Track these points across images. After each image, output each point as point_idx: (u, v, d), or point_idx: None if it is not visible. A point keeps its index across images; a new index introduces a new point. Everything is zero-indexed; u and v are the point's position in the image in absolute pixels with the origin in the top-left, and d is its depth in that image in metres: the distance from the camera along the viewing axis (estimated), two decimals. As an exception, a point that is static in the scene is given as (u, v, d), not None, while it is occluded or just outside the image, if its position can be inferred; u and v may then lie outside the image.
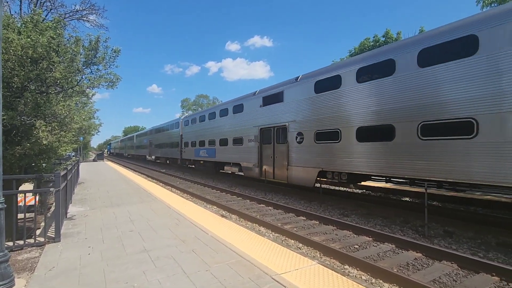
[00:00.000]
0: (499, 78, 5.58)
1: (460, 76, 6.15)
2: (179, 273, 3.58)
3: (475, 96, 5.88)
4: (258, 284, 3.26)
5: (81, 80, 7.51)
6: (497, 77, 5.61)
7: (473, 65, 5.95)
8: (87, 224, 6.03)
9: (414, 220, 7.34)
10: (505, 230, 6.22)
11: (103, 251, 4.39)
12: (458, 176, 6.14)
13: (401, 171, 7.23)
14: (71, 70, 6.64)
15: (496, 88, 5.60)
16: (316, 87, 9.83)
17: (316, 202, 10.14)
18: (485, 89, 5.76)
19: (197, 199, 10.96)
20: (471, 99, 5.94)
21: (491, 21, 5.82)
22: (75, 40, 6.79)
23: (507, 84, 5.46)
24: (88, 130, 12.88)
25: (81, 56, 7.03)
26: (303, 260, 4.01)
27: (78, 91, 7.76)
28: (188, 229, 5.53)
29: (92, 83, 7.55)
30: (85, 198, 9.19)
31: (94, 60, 7.20)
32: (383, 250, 5.44)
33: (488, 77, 5.71)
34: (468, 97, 6.00)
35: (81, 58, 7.10)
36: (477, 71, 5.88)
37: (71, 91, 7.36)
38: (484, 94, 5.75)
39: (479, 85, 5.83)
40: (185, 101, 74.71)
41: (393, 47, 7.97)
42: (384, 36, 26.27)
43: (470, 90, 5.97)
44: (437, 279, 4.26)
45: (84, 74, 7.47)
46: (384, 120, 7.57)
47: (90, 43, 7.06)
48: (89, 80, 7.59)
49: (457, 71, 6.20)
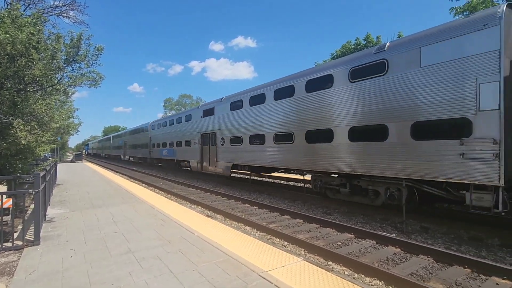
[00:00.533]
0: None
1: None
2: (166, 273, 3.58)
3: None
4: (245, 282, 3.32)
5: (62, 78, 7.25)
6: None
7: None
8: (68, 226, 5.86)
9: (393, 217, 7.65)
10: (475, 225, 6.63)
11: (86, 253, 4.30)
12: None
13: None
14: (51, 67, 6.39)
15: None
16: (231, 106, 13.84)
17: (300, 201, 10.32)
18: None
19: (182, 200, 10.87)
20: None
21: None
22: (56, 37, 6.55)
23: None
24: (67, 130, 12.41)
25: (62, 53, 6.79)
26: (288, 257, 4.12)
27: (58, 89, 7.47)
28: (174, 230, 5.50)
29: (74, 81, 7.29)
30: (64, 200, 8.88)
31: (76, 58, 6.96)
32: (364, 246, 5.65)
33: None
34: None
35: (62, 56, 6.85)
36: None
37: (51, 89, 7.08)
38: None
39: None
40: (168, 101, 73.56)
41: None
42: (365, 40, 27.06)
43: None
44: (414, 272, 4.49)
45: (65, 72, 7.20)
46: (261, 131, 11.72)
47: (71, 40, 6.83)
48: (70, 78, 7.33)
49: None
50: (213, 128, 15.21)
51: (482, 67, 5.61)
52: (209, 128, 15.69)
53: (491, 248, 5.57)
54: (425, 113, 6.39)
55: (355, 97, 7.87)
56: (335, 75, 8.49)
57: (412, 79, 6.65)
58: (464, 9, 12.08)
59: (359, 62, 7.90)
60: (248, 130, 12.40)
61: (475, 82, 5.69)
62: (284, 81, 10.61)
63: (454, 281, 4.14)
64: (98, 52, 7.28)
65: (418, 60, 6.55)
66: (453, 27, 6.22)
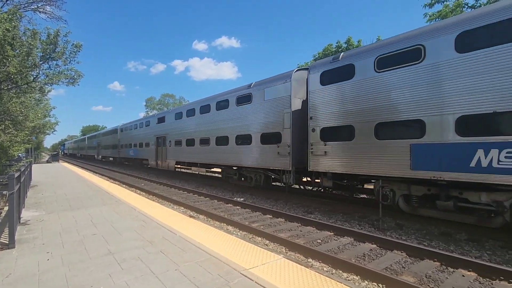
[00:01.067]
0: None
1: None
2: (147, 273, 3.59)
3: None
4: (227, 280, 3.39)
5: (38, 75, 6.97)
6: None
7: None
8: (44, 229, 5.68)
9: (371, 215, 7.97)
10: (445, 221, 7.02)
11: (64, 256, 4.21)
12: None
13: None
14: (26, 64, 6.13)
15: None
16: (175, 116, 18.10)
17: (282, 200, 10.49)
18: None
19: (164, 201, 10.75)
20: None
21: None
22: (32, 33, 6.27)
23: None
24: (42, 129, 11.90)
25: (38, 50, 6.52)
26: (269, 255, 4.22)
27: (34, 87, 7.17)
28: (156, 231, 5.48)
29: (51, 79, 7.02)
30: (40, 202, 8.57)
31: (52, 55, 6.70)
32: (343, 243, 5.87)
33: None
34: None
35: (38, 53, 6.58)
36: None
37: (26, 87, 6.79)
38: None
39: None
40: (150, 100, 72.07)
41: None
42: (346, 43, 27.75)
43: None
44: (388, 266, 4.73)
45: (42, 69, 6.93)
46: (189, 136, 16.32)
47: (48, 36, 6.57)
48: (47, 76, 7.05)
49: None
50: (164, 133, 19.40)
51: (284, 104, 10.04)
52: (161, 133, 19.86)
53: (459, 242, 5.94)
54: (265, 129, 10.87)
55: (237, 116, 12.44)
56: (230, 99, 12.90)
57: (261, 107, 11.12)
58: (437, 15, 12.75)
59: (241, 93, 12.30)
60: (185, 135, 16.61)
61: (282, 112, 10.06)
62: (206, 100, 15.09)
63: (425, 274, 4.40)
64: (76, 49, 7.05)
65: (263, 96, 11.03)
66: (276, 79, 10.66)
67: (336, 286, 3.26)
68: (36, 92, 8.01)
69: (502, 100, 5.37)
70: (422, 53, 6.51)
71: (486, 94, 5.56)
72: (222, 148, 13.15)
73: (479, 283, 4.14)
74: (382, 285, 4.03)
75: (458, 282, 4.10)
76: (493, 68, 5.51)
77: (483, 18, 5.78)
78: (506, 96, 5.33)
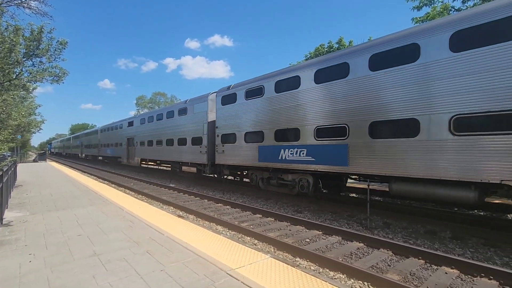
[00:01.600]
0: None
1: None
2: (132, 274, 3.54)
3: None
4: (213, 280, 3.38)
5: (21, 72, 6.75)
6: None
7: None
8: (27, 230, 5.55)
9: (359, 214, 8.06)
10: (431, 220, 7.17)
11: (47, 258, 4.12)
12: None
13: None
14: (8, 61, 5.93)
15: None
16: (140, 121, 21.91)
17: (272, 200, 10.52)
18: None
19: (153, 200, 10.64)
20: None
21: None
22: (15, 29, 6.08)
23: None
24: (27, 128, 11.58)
25: (22, 46, 6.32)
26: (257, 255, 4.22)
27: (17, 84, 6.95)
28: (143, 231, 5.41)
29: (34, 76, 6.82)
30: (24, 202, 8.36)
31: (36, 51, 6.51)
32: (331, 242, 5.92)
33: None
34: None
35: (21, 49, 6.38)
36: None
37: (9, 84, 6.57)
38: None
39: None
40: (141, 99, 71.08)
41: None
42: (337, 43, 27.97)
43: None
44: (374, 265, 4.80)
45: (25, 66, 6.72)
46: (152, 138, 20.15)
47: (32, 33, 6.38)
48: (30, 73, 6.84)
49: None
50: (132, 135, 23.14)
51: (203, 117, 13.98)
52: (130, 135, 23.59)
53: (444, 240, 6.07)
54: (194, 134, 14.74)
55: (178, 124, 16.44)
56: (175, 111, 16.89)
57: (192, 118, 15.01)
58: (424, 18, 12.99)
59: (181, 107, 16.32)
60: (146, 137, 20.50)
61: (202, 122, 14.01)
62: (161, 110, 19.52)
63: (409, 272, 4.48)
64: (62, 46, 6.88)
65: (193, 110, 14.93)
66: (200, 98, 14.64)
67: (322, 285, 3.29)
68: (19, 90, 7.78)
69: (288, 122, 9.57)
70: (263, 91, 10.68)
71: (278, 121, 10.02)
72: (170, 148, 17.09)
73: (461, 280, 4.24)
74: (368, 283, 4.08)
75: (441, 279, 4.19)
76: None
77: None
78: (290, 120, 9.46)
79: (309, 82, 8.83)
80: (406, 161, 6.53)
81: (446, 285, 4.05)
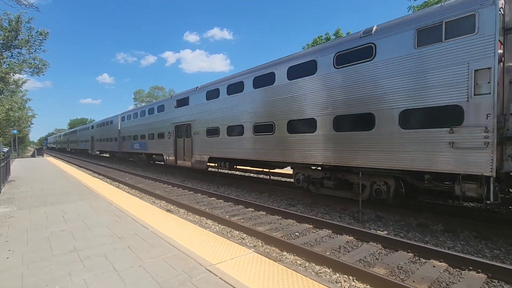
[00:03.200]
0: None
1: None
2: (109, 271, 3.45)
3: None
4: (190, 276, 3.29)
5: (-1, 64, 6.57)
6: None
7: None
8: (11, 225, 5.47)
9: (352, 207, 7.97)
10: (424, 212, 7.07)
11: (26, 254, 4.03)
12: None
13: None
14: (-16, 52, 5.74)
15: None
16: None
17: (266, 193, 10.44)
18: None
19: (145, 195, 10.56)
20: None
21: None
22: (-13, 19, 5.86)
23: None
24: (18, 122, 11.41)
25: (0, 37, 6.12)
26: (240, 249, 4.13)
27: (-4, 77, 6.77)
28: (128, 226, 5.32)
29: (12, 68, 6.63)
30: (13, 198, 8.28)
31: (15, 42, 6.31)
32: (320, 236, 5.84)
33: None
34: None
35: None
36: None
37: (-13, 77, 6.41)
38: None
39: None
40: (138, 93, 70.72)
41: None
42: (335, 34, 27.61)
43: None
44: (362, 258, 4.71)
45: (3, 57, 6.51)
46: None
47: (9, 23, 6.16)
48: (8, 65, 6.65)
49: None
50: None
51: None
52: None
53: (435, 233, 5.98)
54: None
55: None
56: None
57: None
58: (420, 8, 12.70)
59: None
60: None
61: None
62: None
63: (397, 265, 4.39)
64: (42, 37, 6.67)
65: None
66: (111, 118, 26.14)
67: (302, 279, 3.20)
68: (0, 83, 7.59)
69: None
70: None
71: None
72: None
73: (448, 273, 4.16)
74: (352, 278, 3.99)
75: (428, 273, 4.10)
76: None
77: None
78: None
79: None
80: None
81: (433, 278, 3.97)
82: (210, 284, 3.10)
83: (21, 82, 9.31)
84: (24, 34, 6.40)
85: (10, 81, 8.59)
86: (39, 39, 6.71)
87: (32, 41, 6.53)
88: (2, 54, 6.32)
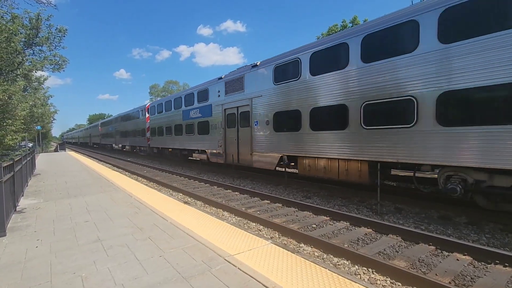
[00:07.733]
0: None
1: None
2: (131, 260, 3.56)
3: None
4: (210, 266, 3.34)
5: (22, 62, 6.79)
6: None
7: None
8: (39, 216, 5.73)
9: (370, 199, 7.83)
10: (446, 205, 6.85)
11: (53, 243, 4.22)
12: None
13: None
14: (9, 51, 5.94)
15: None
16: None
17: (282, 186, 10.42)
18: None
19: (163, 187, 10.80)
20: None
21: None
22: (12, 17, 6.04)
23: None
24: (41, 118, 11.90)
25: (22, 36, 6.31)
26: (258, 241, 4.15)
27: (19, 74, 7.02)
28: (147, 217, 5.46)
29: (35, 65, 6.86)
30: (39, 190, 8.67)
31: (36, 40, 6.50)
32: (338, 228, 5.78)
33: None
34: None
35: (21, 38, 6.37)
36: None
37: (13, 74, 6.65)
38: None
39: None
40: (154, 88, 71.82)
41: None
42: (351, 22, 26.81)
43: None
44: (381, 251, 4.63)
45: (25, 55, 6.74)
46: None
47: (30, 21, 6.33)
48: (31, 62, 6.88)
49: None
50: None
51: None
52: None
53: (458, 226, 5.78)
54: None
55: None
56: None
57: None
58: None
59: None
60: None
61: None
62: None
63: (418, 258, 4.29)
64: (61, 34, 6.83)
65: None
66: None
67: (320, 271, 3.18)
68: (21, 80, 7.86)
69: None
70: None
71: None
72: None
73: (473, 266, 4.02)
74: (372, 270, 3.93)
75: (451, 266, 3.98)
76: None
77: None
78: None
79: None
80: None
81: (457, 272, 3.84)
82: (229, 274, 3.13)
83: (43, 79, 9.68)
84: (44, 32, 6.63)
85: (33, 79, 8.92)
86: (58, 36, 6.90)
87: (52, 38, 6.73)
88: (25, 52, 6.56)
